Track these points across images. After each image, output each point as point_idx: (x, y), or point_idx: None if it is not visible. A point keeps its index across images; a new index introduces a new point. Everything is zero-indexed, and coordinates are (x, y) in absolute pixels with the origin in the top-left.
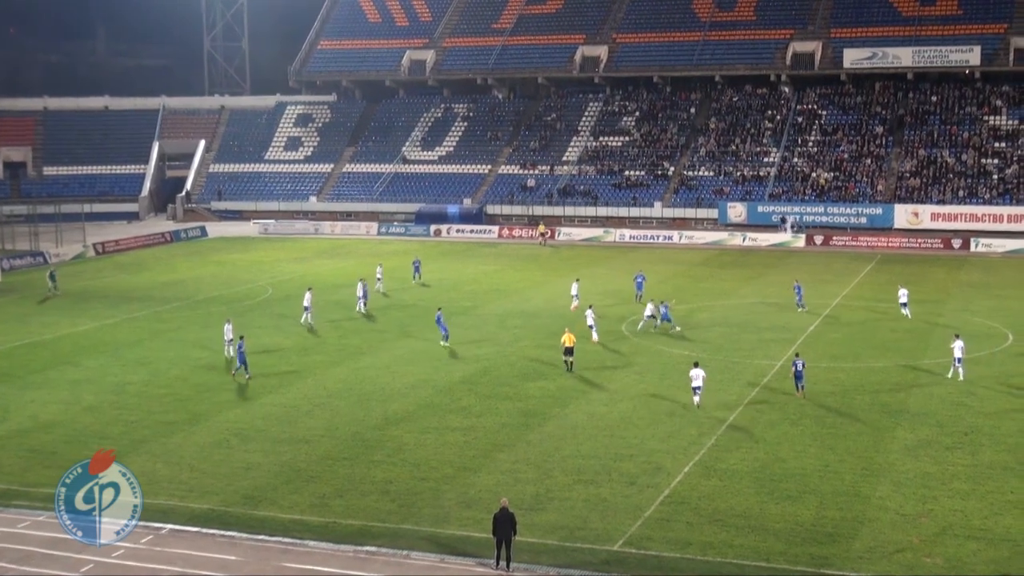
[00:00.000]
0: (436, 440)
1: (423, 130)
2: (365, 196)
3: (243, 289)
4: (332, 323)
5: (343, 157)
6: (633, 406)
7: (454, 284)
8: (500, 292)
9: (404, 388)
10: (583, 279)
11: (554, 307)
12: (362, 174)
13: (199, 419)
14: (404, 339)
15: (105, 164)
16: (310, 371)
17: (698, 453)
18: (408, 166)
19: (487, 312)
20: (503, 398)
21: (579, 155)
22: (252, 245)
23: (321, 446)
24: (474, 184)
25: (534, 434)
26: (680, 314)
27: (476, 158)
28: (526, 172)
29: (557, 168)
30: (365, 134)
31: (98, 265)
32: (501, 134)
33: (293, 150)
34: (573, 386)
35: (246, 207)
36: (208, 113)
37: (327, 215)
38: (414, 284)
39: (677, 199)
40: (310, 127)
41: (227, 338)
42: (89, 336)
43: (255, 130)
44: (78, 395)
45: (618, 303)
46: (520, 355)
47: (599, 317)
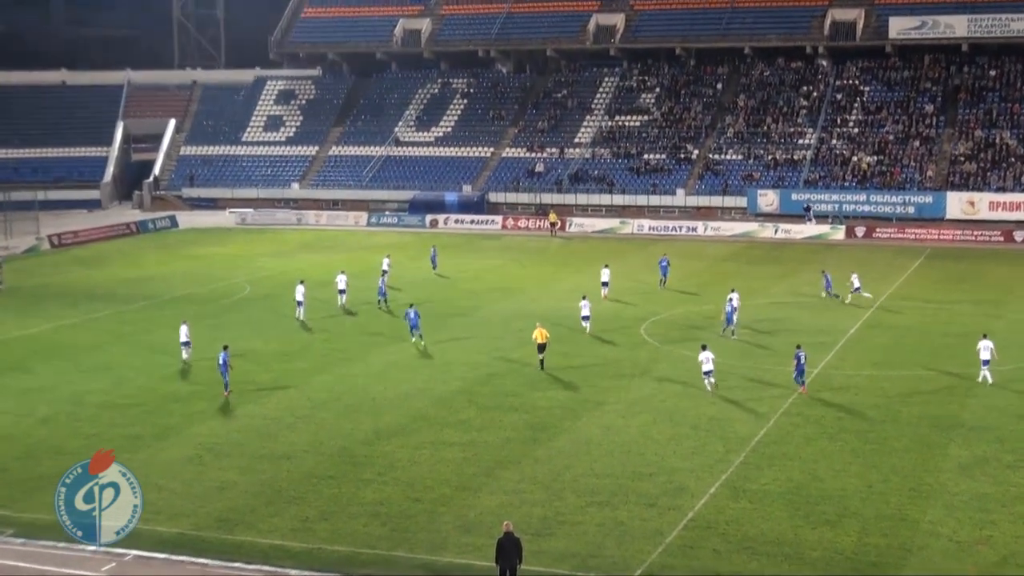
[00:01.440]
0: (432, 457)
1: (418, 108)
2: (353, 182)
3: (218, 287)
4: (317, 325)
5: (329, 139)
6: (653, 419)
7: (452, 281)
8: (504, 290)
9: (397, 398)
10: (592, 275)
11: (565, 307)
12: (350, 158)
13: (168, 433)
14: (397, 343)
15: (62, 146)
16: (292, 379)
17: (725, 472)
18: (401, 149)
19: (489, 313)
20: (507, 410)
21: (592, 136)
22: (228, 237)
23: (304, 463)
24: (475, 169)
25: (542, 450)
26: (705, 315)
27: (477, 140)
28: (533, 156)
29: (568, 151)
30: (354, 113)
31: (54, 259)
32: (505, 113)
33: (273, 131)
34: (586, 397)
35: (221, 194)
36: (178, 89)
37: (311, 203)
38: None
39: (702, 186)
40: (292, 105)
41: (182, 340)
42: (43, 339)
43: (231, 108)
44: (30, 405)
45: (636, 303)
46: (527, 362)
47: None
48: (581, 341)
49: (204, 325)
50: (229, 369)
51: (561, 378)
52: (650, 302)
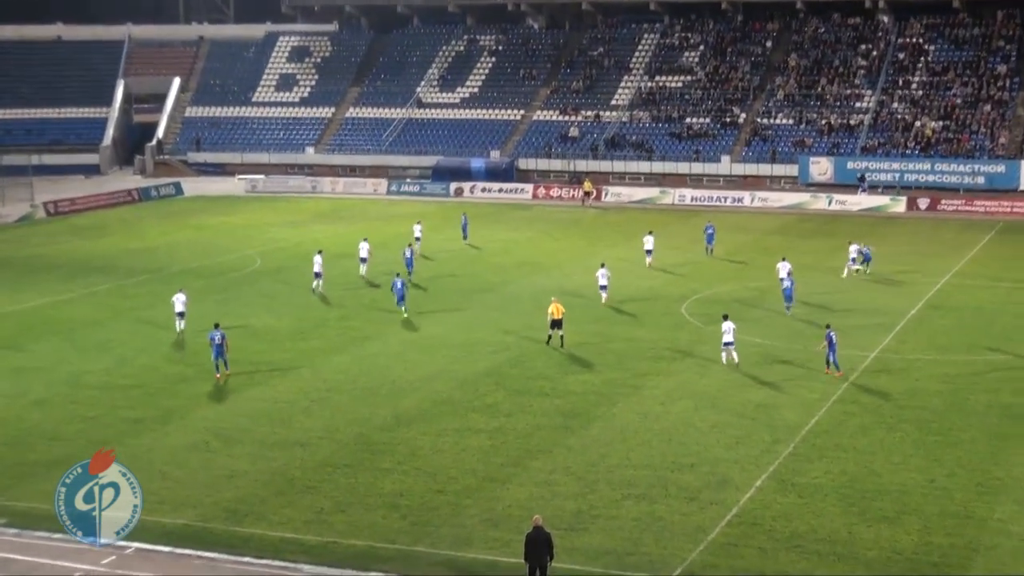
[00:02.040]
0: (456, 444)
1: (442, 67)
2: (372, 147)
3: (226, 259)
4: (333, 301)
5: (346, 99)
6: (694, 405)
7: (478, 255)
8: (534, 265)
9: (418, 381)
10: (632, 249)
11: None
12: (369, 120)
13: (172, 416)
14: (418, 320)
15: (58, 106)
16: (306, 360)
17: (772, 464)
18: (424, 111)
19: (518, 289)
20: (537, 394)
21: (631, 98)
22: (237, 206)
23: (319, 450)
24: (503, 133)
25: (575, 438)
26: (752, 294)
27: (506, 101)
28: (566, 119)
29: (604, 114)
30: (372, 71)
31: (49, 229)
32: (537, 72)
33: (286, 90)
34: (622, 381)
35: (230, 159)
36: (183, 45)
37: (327, 170)
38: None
39: (749, 153)
40: (307, 63)
41: (177, 311)
42: (37, 315)
43: (240, 66)
44: (23, 386)
45: (676, 279)
46: (558, 341)
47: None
48: (617, 321)
49: (211, 300)
50: (227, 350)
51: (596, 361)
52: (692, 279)
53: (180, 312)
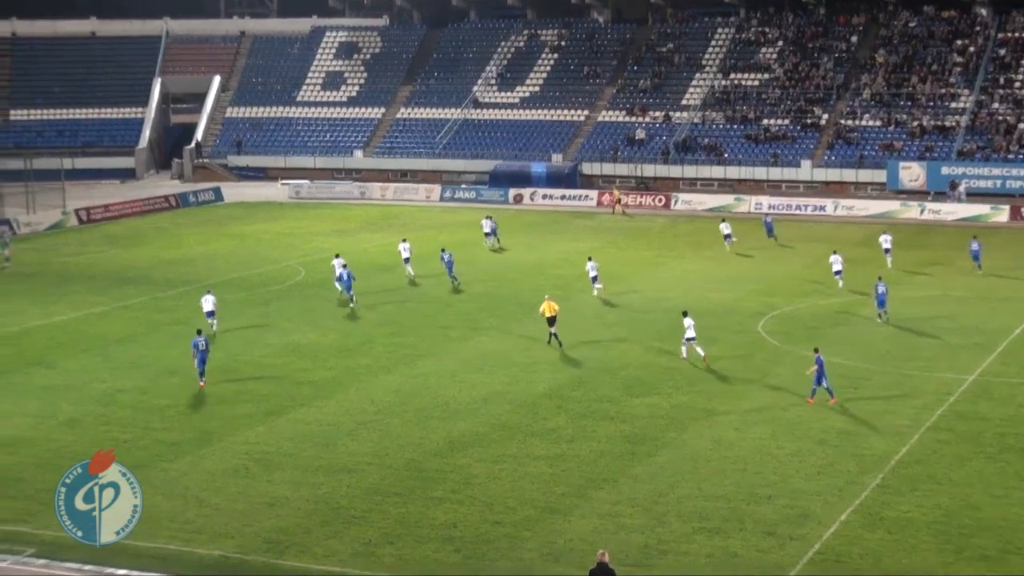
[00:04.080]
0: (514, 472)
1: (500, 64)
2: (425, 150)
3: (267, 270)
4: (382, 316)
5: (397, 99)
6: (772, 432)
7: (538, 266)
8: (599, 278)
9: (473, 403)
10: (704, 260)
11: (669, 297)
12: (421, 121)
13: (210, 439)
14: (474, 337)
15: (91, 107)
16: (353, 379)
17: (859, 496)
18: (480, 111)
19: (581, 304)
20: (601, 418)
21: (703, 98)
22: (280, 213)
23: (367, 477)
24: (566, 135)
25: (642, 467)
26: (835, 311)
27: (569, 101)
28: (634, 120)
29: (674, 115)
30: (426, 69)
31: (82, 237)
32: (602, 70)
33: (333, 89)
34: (693, 404)
35: (272, 163)
36: (224, 41)
37: (376, 174)
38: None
39: (832, 157)
40: (355, 60)
41: (206, 310)
42: (68, 329)
43: (284, 63)
44: (53, 406)
45: (752, 294)
46: (624, 361)
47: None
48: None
49: (252, 314)
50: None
51: (664, 382)
52: (770, 294)
53: (210, 311)
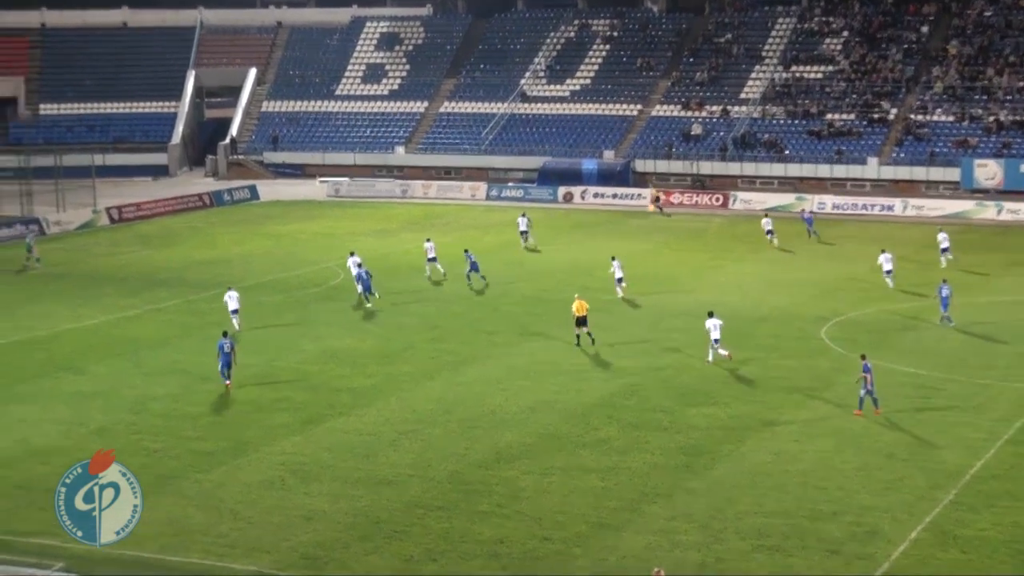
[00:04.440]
0: (564, 485)
1: (549, 56)
2: (470, 146)
3: (305, 272)
4: (423, 319)
5: (441, 93)
6: (836, 444)
7: (589, 268)
8: (653, 281)
9: (521, 412)
10: (763, 262)
11: (727, 301)
12: (466, 116)
13: (245, 449)
14: (521, 342)
15: (123, 100)
16: (394, 386)
17: (930, 512)
18: (529, 105)
19: (635, 309)
20: (656, 429)
21: (763, 91)
22: (318, 212)
23: (408, 490)
24: (619, 131)
25: (698, 480)
26: (904, 317)
27: (621, 95)
28: (690, 115)
29: (732, 109)
30: (471, 61)
31: (113, 237)
32: (656, 62)
33: (374, 82)
34: (752, 415)
35: (310, 160)
36: (260, 32)
37: (419, 172)
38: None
39: (901, 154)
40: (397, 51)
41: (231, 308)
42: (99, 333)
43: (323, 55)
44: (83, 413)
45: (814, 298)
46: (679, 369)
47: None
48: (746, 346)
49: (288, 317)
50: (235, 361)
51: (721, 391)
52: (834, 298)
53: (235, 309)
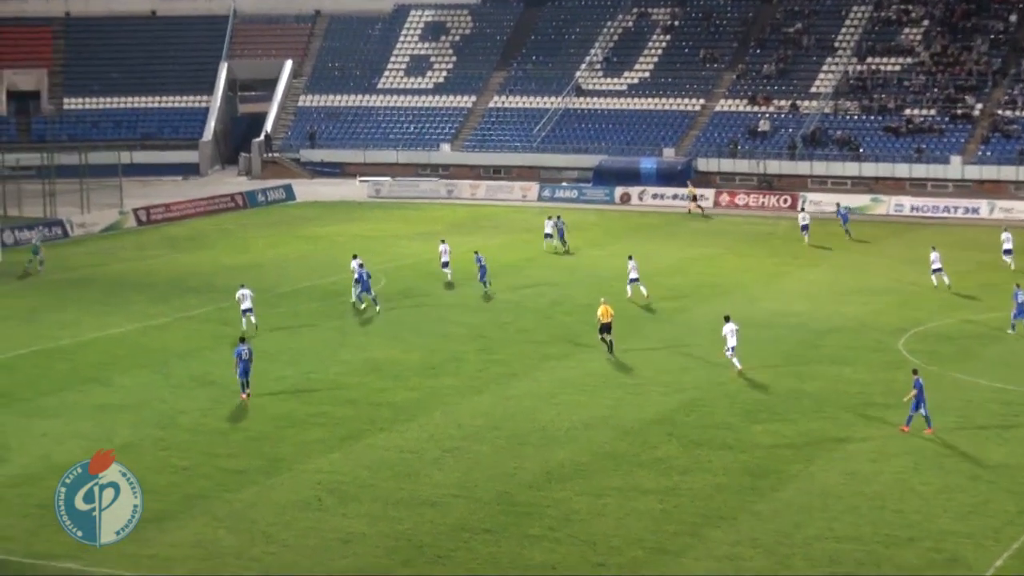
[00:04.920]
0: (620, 507)
1: (606, 46)
2: (521, 144)
3: (345, 278)
4: (470, 328)
5: (490, 86)
6: (914, 464)
7: (647, 276)
8: (716, 288)
9: (574, 428)
10: (835, 269)
11: (795, 311)
12: (517, 111)
13: (279, 467)
14: (574, 354)
15: (151, 94)
16: (438, 401)
17: (1018, 539)
18: (583, 100)
19: (696, 318)
20: (718, 447)
21: (836, 85)
22: (358, 213)
23: (453, 511)
24: (679, 127)
25: (764, 503)
26: (988, 325)
27: (683, 89)
28: (756, 110)
29: (802, 104)
30: (522, 52)
31: (140, 240)
32: (720, 53)
33: (418, 75)
34: (823, 433)
35: (350, 158)
36: (297, 21)
37: (466, 171)
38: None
39: (987, 152)
40: (443, 42)
41: (244, 307)
42: (125, 342)
43: (364, 46)
44: (108, 428)
45: (891, 307)
46: (742, 383)
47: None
48: (815, 357)
49: (326, 327)
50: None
51: (789, 406)
52: (913, 307)
53: (247, 308)
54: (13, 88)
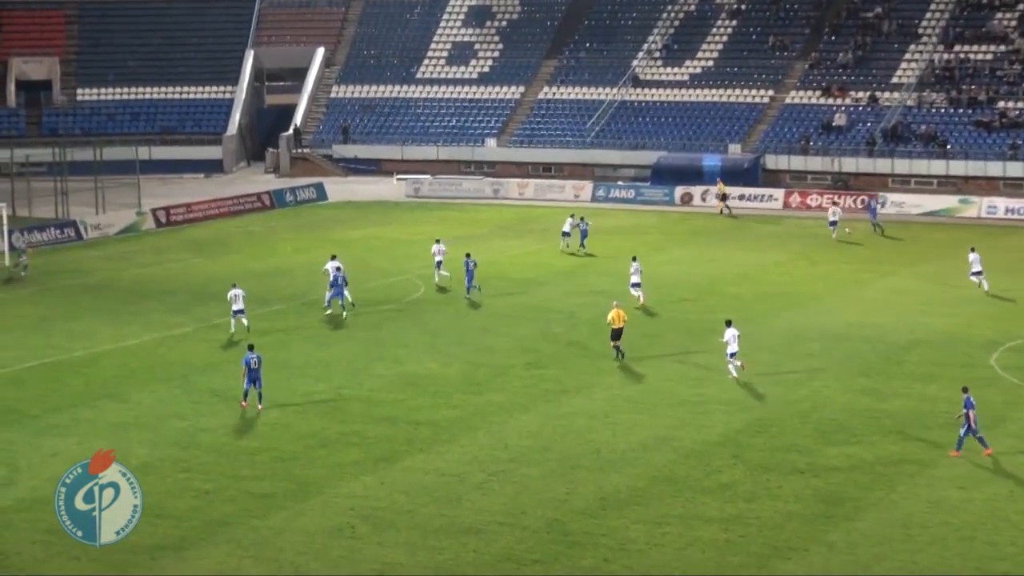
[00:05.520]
0: (680, 537)
1: (666, 33)
2: (573, 139)
3: (380, 285)
4: (519, 342)
5: (539, 76)
6: (1009, 491)
7: (711, 283)
8: (786, 298)
9: (631, 451)
10: (919, 277)
11: (876, 322)
12: (568, 103)
13: (308, 491)
14: (632, 367)
15: (171, 85)
16: (482, 419)
17: None
18: (641, 91)
19: (764, 329)
20: (788, 472)
21: (919, 75)
22: (395, 215)
23: (498, 540)
24: (746, 121)
25: (839, 533)
26: None
27: (750, 79)
28: (831, 102)
29: (882, 96)
30: (574, 39)
31: (159, 243)
32: (791, 40)
33: (461, 64)
34: (904, 456)
35: (386, 154)
36: (329, 4)
37: (512, 168)
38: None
39: None
40: (488, 27)
41: (235, 308)
42: (143, 354)
43: (402, 32)
44: (125, 447)
45: (981, 319)
46: (817, 401)
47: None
48: (897, 374)
49: (360, 339)
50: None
51: (867, 428)
52: (1006, 319)
53: (239, 310)
54: (23, 78)
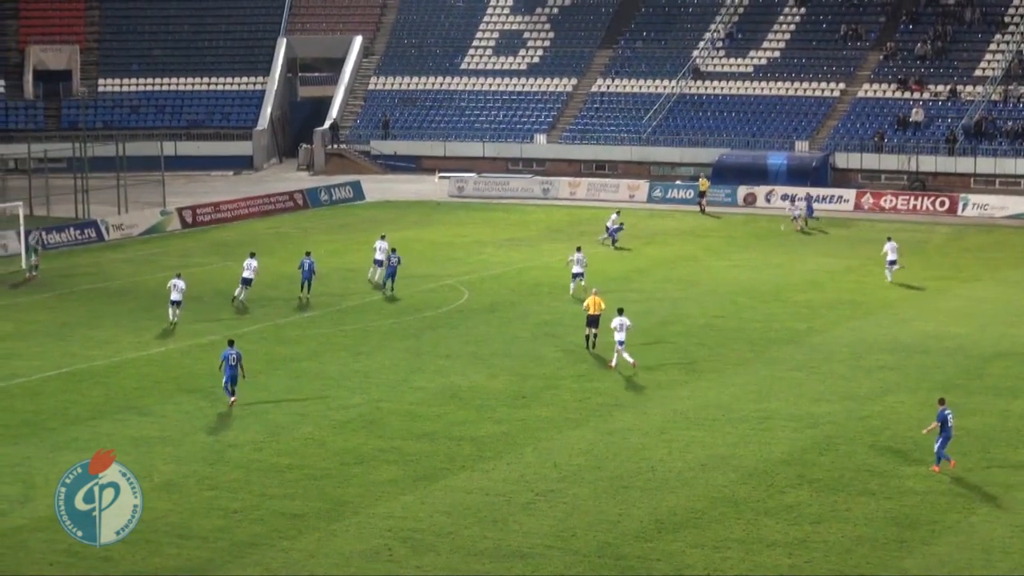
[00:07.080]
0: (741, 562)
1: (729, 21)
2: (629, 135)
3: (421, 291)
4: (566, 353)
5: (593, 67)
6: None
7: (776, 289)
8: (857, 307)
9: (688, 470)
10: (1004, 284)
11: (955, 333)
12: (624, 97)
13: (343, 511)
14: (690, 381)
15: (199, 75)
16: (529, 435)
17: None
18: (702, 84)
19: (831, 340)
20: (858, 492)
21: (1006, 67)
22: (437, 216)
23: (547, 564)
24: (814, 116)
25: (913, 559)
26: None
27: (819, 71)
28: (907, 97)
29: (964, 90)
30: (630, 28)
31: (185, 244)
32: (865, 29)
33: (509, 54)
34: (983, 476)
35: (428, 150)
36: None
37: (564, 166)
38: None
39: None
40: (539, 15)
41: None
42: (167, 364)
43: (445, 19)
44: (148, 463)
45: None
46: (890, 418)
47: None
48: (978, 388)
49: (400, 348)
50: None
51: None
52: None
53: (176, 300)
54: (41, 67)
